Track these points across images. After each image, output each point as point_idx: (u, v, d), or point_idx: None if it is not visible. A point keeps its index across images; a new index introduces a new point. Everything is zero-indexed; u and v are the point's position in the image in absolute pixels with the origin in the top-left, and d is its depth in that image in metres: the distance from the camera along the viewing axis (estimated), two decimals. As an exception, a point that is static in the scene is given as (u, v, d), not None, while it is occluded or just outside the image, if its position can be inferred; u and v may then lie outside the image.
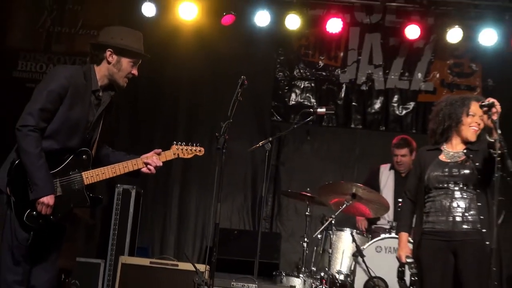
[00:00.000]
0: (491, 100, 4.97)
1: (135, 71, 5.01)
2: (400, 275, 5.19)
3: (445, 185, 5.17)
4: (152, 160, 5.06)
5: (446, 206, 5.14)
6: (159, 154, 5.14)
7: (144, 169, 5.04)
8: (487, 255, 4.77)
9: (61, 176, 4.77)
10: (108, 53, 4.91)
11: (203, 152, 5.32)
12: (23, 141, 4.58)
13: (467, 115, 5.22)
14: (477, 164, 5.09)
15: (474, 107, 5.20)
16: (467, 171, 5.11)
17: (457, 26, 9.49)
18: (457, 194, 5.14)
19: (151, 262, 7.05)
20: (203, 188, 9.87)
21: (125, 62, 4.96)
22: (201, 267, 6.31)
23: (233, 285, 6.34)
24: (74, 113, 4.75)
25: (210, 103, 9.80)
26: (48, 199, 4.63)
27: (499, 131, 4.83)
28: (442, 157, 5.27)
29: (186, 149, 5.29)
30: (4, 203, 4.67)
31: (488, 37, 9.50)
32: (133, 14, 9.72)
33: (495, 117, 4.86)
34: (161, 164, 5.10)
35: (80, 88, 4.80)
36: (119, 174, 4.97)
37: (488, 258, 4.74)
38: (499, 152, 4.77)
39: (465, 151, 5.21)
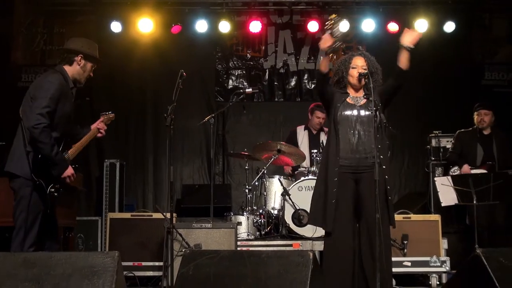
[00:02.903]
0: (364, 71, 4.96)
1: (91, 73, 5.07)
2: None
3: (353, 124, 4.95)
4: (102, 126, 5.26)
5: (353, 144, 4.92)
6: (102, 121, 5.28)
7: (99, 135, 5.26)
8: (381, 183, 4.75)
9: None
10: (79, 57, 4.95)
11: (113, 116, 5.41)
12: (41, 135, 4.60)
13: (351, 68, 5.10)
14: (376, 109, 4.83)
15: (354, 61, 5.10)
16: (368, 113, 4.88)
17: (344, 19, 9.43)
18: (362, 133, 4.92)
19: (132, 215, 6.95)
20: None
21: (89, 66, 5.03)
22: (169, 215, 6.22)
23: (193, 226, 6.23)
24: (66, 108, 4.81)
25: (170, 92, 9.64)
26: (69, 171, 4.80)
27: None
28: (349, 100, 5.06)
29: (107, 118, 5.36)
30: (27, 187, 4.68)
31: (369, 25, 9.49)
32: (105, 31, 9.56)
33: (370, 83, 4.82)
34: (106, 127, 5.30)
35: (65, 89, 4.83)
36: (84, 146, 5.13)
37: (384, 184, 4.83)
38: (375, 108, 4.73)
39: (365, 96, 4.99)
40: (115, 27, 9.52)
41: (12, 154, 4.82)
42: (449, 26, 9.46)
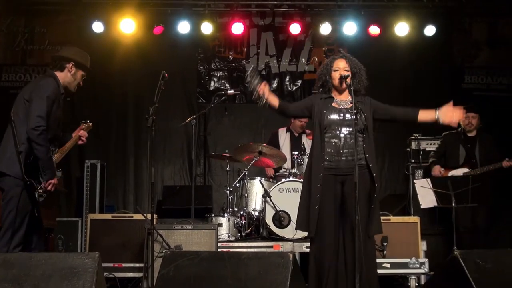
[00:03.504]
0: (346, 73, 5.00)
1: (81, 82, 5.25)
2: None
3: (339, 128, 4.96)
4: (83, 134, 5.39)
5: (340, 147, 4.93)
6: (82, 129, 5.43)
7: (80, 142, 5.41)
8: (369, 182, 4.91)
9: None
10: (70, 65, 5.09)
11: (92, 125, 5.59)
12: (39, 138, 4.69)
13: (333, 71, 5.11)
14: (365, 114, 4.88)
15: (336, 64, 5.11)
16: (354, 117, 4.84)
17: (327, 22, 9.54)
18: (348, 136, 4.93)
19: (112, 216, 6.93)
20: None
21: (79, 74, 5.20)
22: (150, 216, 6.21)
23: (174, 227, 6.24)
24: (57, 112, 4.92)
25: (151, 93, 9.62)
26: (55, 179, 4.90)
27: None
28: (334, 104, 5.06)
29: (87, 126, 5.51)
30: (17, 186, 4.73)
31: (350, 28, 9.53)
32: (86, 31, 9.50)
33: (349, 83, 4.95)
34: (87, 135, 5.46)
35: (58, 94, 4.95)
36: (66, 152, 5.25)
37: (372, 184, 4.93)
38: (355, 111, 4.77)
39: (351, 99, 4.97)
40: (97, 27, 9.47)
41: (1, 154, 4.85)
42: (430, 30, 9.53)
